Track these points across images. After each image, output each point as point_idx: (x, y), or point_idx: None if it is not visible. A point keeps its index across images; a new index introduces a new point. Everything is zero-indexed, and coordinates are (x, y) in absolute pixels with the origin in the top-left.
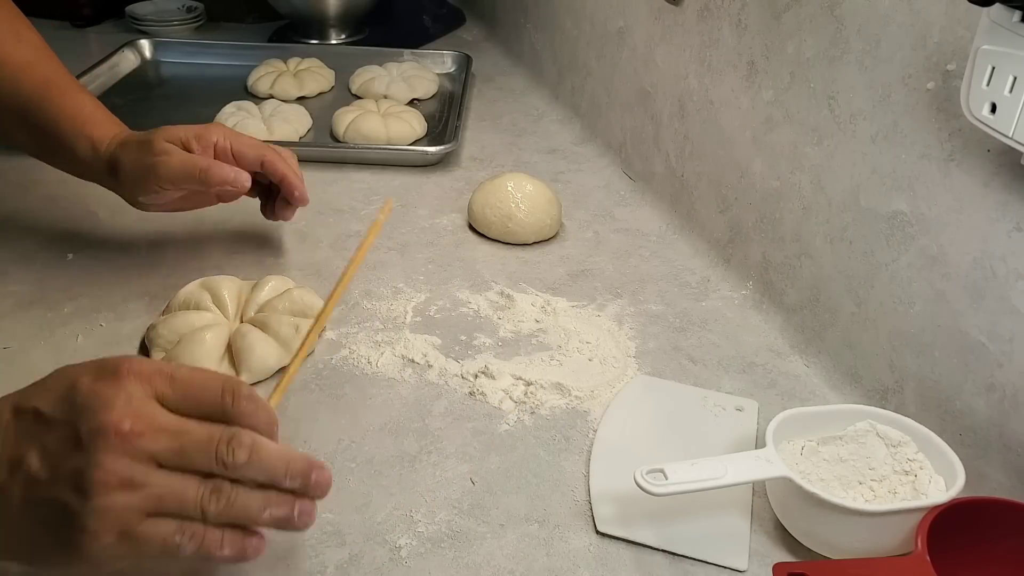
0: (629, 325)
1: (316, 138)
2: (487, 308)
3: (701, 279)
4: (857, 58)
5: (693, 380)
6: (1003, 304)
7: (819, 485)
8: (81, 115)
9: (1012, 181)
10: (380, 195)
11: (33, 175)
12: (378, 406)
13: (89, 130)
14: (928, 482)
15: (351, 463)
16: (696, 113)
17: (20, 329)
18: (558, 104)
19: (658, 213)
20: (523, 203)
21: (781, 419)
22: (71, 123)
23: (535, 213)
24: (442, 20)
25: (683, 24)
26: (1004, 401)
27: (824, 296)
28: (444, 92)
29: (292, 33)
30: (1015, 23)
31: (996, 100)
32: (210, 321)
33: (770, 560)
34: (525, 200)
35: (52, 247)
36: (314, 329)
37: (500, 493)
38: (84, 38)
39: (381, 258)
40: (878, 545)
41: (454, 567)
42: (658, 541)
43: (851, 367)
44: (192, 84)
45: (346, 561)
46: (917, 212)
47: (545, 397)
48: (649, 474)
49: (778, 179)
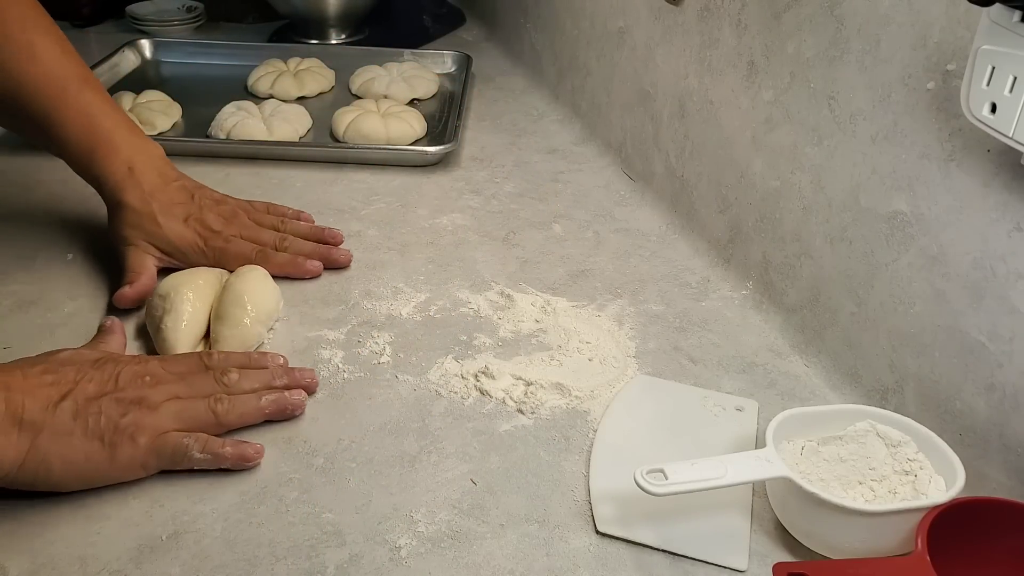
0: (629, 325)
1: (316, 138)
2: (487, 308)
3: (701, 279)
4: (857, 58)
5: (693, 380)
6: (1003, 304)
7: (819, 485)
8: (87, 146)
9: (1012, 181)
10: (380, 195)
11: (34, 175)
12: (378, 406)
13: (92, 166)
14: (928, 482)
15: (351, 463)
16: (696, 113)
17: (20, 329)
18: (558, 104)
19: (658, 213)
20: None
21: (781, 419)
22: (76, 154)
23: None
24: (442, 20)
25: (683, 24)
26: (1004, 401)
27: (824, 296)
28: (444, 92)
29: (292, 33)
30: (1015, 23)
31: (996, 100)
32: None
33: (770, 560)
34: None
35: (52, 247)
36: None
37: (500, 493)
38: (84, 38)
39: (381, 258)
40: (878, 545)
41: (454, 567)
42: (658, 541)
43: (851, 367)
44: (192, 84)
45: (346, 561)
46: (917, 212)
47: (545, 397)
48: (649, 474)
49: (778, 179)
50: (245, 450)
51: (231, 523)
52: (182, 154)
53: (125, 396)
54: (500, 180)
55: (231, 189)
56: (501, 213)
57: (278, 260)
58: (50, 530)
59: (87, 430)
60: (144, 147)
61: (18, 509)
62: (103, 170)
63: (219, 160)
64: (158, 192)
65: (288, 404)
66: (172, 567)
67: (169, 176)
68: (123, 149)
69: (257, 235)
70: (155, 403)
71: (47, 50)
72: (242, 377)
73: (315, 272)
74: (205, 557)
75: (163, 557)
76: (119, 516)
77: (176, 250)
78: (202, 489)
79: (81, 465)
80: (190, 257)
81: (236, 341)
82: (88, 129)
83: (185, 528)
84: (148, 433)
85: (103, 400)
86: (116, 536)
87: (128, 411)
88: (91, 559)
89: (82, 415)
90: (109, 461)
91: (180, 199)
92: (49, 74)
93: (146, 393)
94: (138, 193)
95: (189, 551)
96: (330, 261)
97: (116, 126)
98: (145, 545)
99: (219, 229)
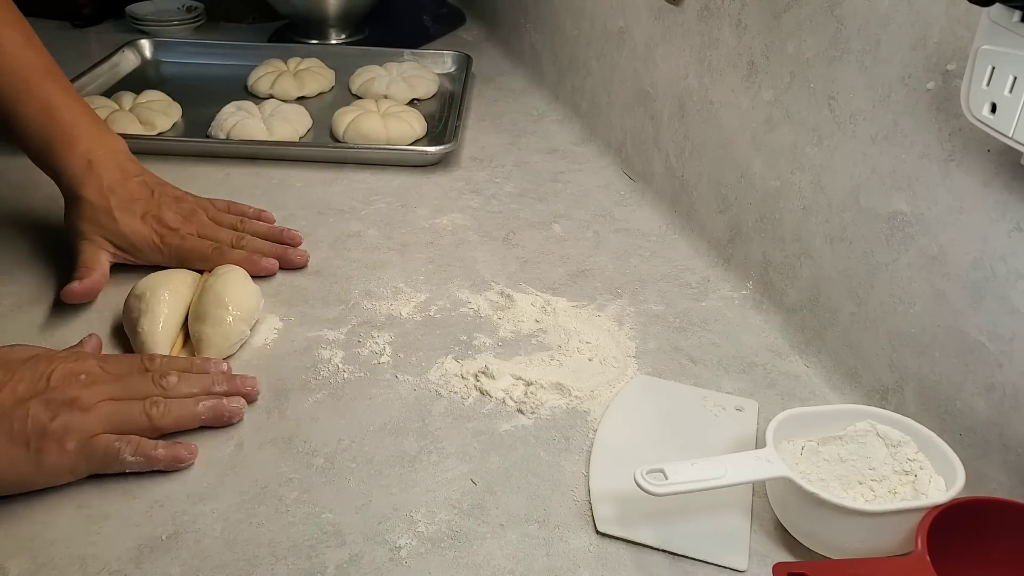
0: (629, 325)
1: (316, 138)
2: (487, 308)
3: (701, 279)
4: (857, 58)
5: (693, 380)
6: (1003, 304)
7: (819, 485)
8: (48, 138)
9: (1012, 181)
10: (380, 195)
11: (33, 175)
12: (378, 406)
13: (52, 159)
14: (928, 482)
15: (351, 463)
16: (696, 113)
17: (20, 329)
18: (558, 104)
19: (658, 213)
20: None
21: (781, 419)
22: (37, 147)
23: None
24: (442, 20)
25: (683, 24)
26: (1004, 401)
27: (824, 296)
28: (444, 92)
29: (292, 33)
30: (1015, 23)
31: (996, 100)
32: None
33: (770, 560)
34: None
35: (52, 247)
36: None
37: (500, 493)
38: (84, 38)
39: (381, 258)
40: (878, 545)
41: (454, 567)
42: (658, 541)
43: (851, 367)
44: (192, 84)
45: (346, 561)
46: (917, 212)
47: (545, 397)
48: (649, 474)
49: (778, 179)
50: (179, 451)
51: (231, 523)
52: (182, 154)
53: (55, 397)
54: (500, 180)
55: (231, 189)
56: (501, 213)
57: (233, 257)
58: (50, 530)
59: (12, 435)
60: (106, 140)
61: (18, 509)
62: (61, 162)
63: (219, 160)
64: (117, 187)
65: (225, 411)
66: (172, 567)
67: (130, 171)
68: (83, 141)
69: (215, 233)
70: (87, 404)
71: (11, 41)
72: (181, 381)
73: (270, 270)
74: (205, 557)
75: (163, 557)
76: (119, 516)
77: (131, 246)
78: (202, 489)
79: (5, 471)
80: (145, 254)
81: (220, 339)
82: (48, 120)
83: (185, 528)
84: (77, 437)
85: (31, 402)
86: (116, 536)
87: (58, 413)
88: (91, 559)
89: (7, 418)
90: (35, 467)
91: (139, 195)
92: (12, 65)
93: (79, 393)
94: (96, 187)
95: (189, 551)
96: (286, 261)
97: (77, 118)
98: (145, 545)
99: (176, 227)
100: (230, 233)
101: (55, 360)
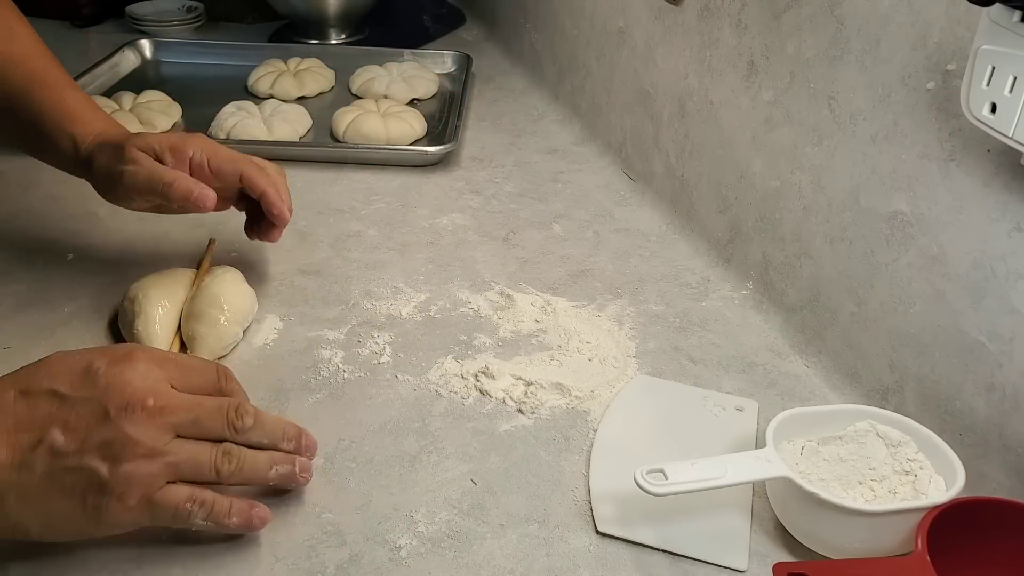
0: (629, 325)
1: (316, 138)
2: (487, 308)
3: (701, 279)
4: (857, 58)
5: (693, 380)
6: (1003, 304)
7: (819, 485)
8: (66, 111)
9: (1012, 181)
10: (380, 195)
11: (33, 175)
12: (378, 406)
13: (71, 127)
14: (928, 482)
15: (351, 463)
16: (696, 113)
17: (20, 329)
18: (558, 104)
19: (658, 213)
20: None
21: (781, 419)
22: (55, 119)
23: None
24: (442, 20)
25: (683, 24)
26: (1004, 401)
27: (824, 296)
28: (444, 92)
29: (292, 33)
30: (1015, 23)
31: (996, 100)
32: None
33: (770, 560)
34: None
35: (52, 247)
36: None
37: (500, 493)
38: (84, 38)
39: (381, 258)
40: (878, 545)
41: (454, 567)
42: (658, 541)
43: (851, 367)
44: (192, 84)
45: (346, 561)
46: (917, 212)
47: (545, 397)
48: (649, 474)
49: (778, 179)
50: (253, 521)
51: None
52: None
53: (115, 438)
54: (500, 180)
55: None
56: (501, 213)
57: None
58: None
59: (65, 489)
60: (113, 122)
61: None
62: (77, 130)
63: None
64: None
65: (296, 480)
66: (172, 567)
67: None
68: (96, 122)
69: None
70: (151, 449)
71: (27, 36)
72: (256, 424)
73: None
74: (205, 557)
75: (163, 557)
76: None
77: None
78: None
79: (62, 526)
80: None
81: (213, 340)
82: (62, 103)
83: (185, 528)
84: (140, 492)
85: (87, 449)
86: (116, 536)
87: (118, 461)
88: (91, 559)
89: (59, 470)
90: (94, 523)
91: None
92: (28, 56)
93: (143, 434)
94: (112, 133)
95: (189, 551)
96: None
97: (88, 103)
98: (145, 545)
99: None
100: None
101: (118, 371)
